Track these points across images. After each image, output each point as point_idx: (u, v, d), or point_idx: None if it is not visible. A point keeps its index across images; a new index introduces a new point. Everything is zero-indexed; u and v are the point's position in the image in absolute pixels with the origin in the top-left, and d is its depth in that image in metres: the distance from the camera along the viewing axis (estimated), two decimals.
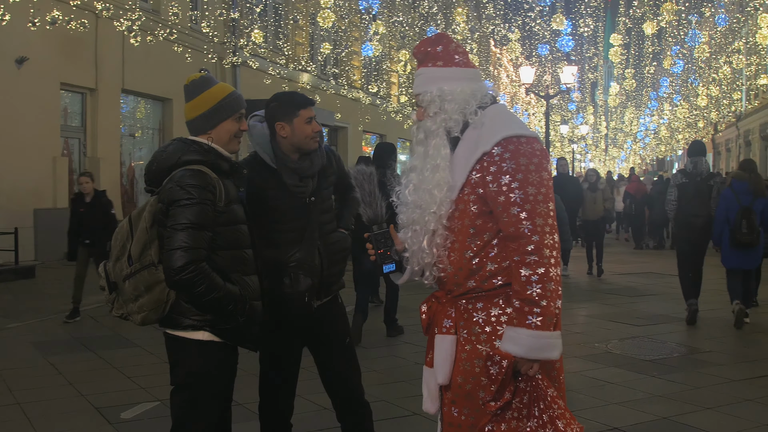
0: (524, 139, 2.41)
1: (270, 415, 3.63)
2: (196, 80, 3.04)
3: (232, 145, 3.05)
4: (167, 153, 2.95)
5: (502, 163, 2.38)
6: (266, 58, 20.94)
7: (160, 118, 18.03)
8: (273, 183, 3.44)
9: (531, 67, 23.45)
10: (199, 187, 2.79)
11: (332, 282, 3.60)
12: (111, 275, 2.94)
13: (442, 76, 2.57)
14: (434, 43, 2.63)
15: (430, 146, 2.55)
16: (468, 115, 2.51)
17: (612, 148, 65.89)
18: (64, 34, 13.91)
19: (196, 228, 2.75)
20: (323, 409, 4.71)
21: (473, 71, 2.63)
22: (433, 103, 2.55)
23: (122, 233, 2.95)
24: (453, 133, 2.53)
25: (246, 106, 3.12)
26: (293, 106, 3.41)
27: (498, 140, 2.40)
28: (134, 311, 2.87)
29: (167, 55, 16.65)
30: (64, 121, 15.03)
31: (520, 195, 2.35)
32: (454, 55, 2.60)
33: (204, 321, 2.86)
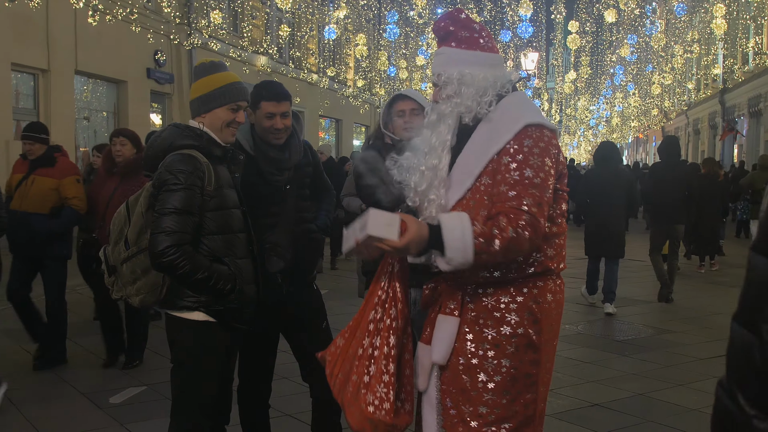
0: (535, 126, 2.37)
1: (248, 396, 3.67)
2: (205, 63, 3.08)
3: (225, 135, 3.04)
4: (161, 138, 3.01)
5: (508, 146, 2.35)
6: (225, 41, 20.63)
7: (114, 100, 17.61)
8: (251, 169, 3.43)
9: None
10: (186, 172, 2.83)
11: (306, 269, 3.63)
12: (110, 259, 3.04)
13: (464, 59, 2.48)
14: (458, 21, 2.53)
15: (437, 130, 2.50)
16: (483, 104, 2.44)
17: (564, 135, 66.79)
18: (14, 12, 13.46)
19: (181, 213, 2.79)
20: (305, 391, 4.69)
21: (496, 57, 2.55)
22: (449, 85, 2.48)
23: (120, 218, 3.04)
24: (465, 120, 2.47)
25: (249, 99, 3.13)
26: (258, 97, 3.41)
27: (519, 128, 2.36)
28: (132, 294, 2.97)
29: (122, 36, 16.25)
30: (16, 103, 14.57)
31: (515, 176, 2.31)
32: (479, 39, 2.51)
33: (199, 302, 2.90)
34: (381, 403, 2.41)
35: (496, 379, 2.41)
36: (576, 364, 6.01)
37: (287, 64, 24.56)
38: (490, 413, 2.41)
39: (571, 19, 24.76)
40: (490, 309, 2.43)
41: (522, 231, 2.24)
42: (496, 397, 2.41)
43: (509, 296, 2.42)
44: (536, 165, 2.32)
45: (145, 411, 4.80)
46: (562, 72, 43.26)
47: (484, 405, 2.42)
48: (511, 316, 2.41)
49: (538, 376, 2.45)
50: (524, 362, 2.41)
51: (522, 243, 2.25)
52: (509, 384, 2.41)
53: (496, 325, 2.42)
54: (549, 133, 2.40)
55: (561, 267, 2.53)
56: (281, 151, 3.47)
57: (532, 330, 2.41)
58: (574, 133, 62.79)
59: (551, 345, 2.51)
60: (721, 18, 18.46)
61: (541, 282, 2.44)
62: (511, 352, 2.40)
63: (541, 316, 2.42)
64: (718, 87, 29.61)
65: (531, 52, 23.48)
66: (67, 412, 4.83)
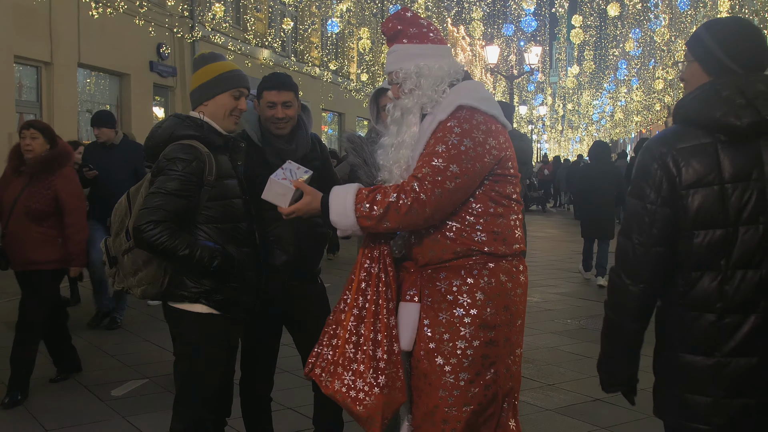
0: (467, 108, 2.47)
1: (250, 389, 3.68)
2: (204, 54, 3.11)
3: (228, 123, 3.05)
4: (162, 128, 3.00)
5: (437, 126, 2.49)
6: (228, 34, 20.58)
7: (117, 93, 17.58)
8: (257, 161, 3.43)
9: (497, 46, 23.52)
10: (184, 161, 2.84)
11: (311, 263, 3.63)
12: (111, 250, 3.03)
13: (418, 53, 2.59)
14: (405, 20, 2.64)
15: (403, 124, 2.59)
16: (439, 93, 2.55)
17: (568, 129, 66.67)
18: (17, 5, 13.44)
19: (169, 194, 2.80)
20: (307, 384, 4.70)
21: (446, 48, 2.66)
22: (409, 80, 2.57)
23: (121, 209, 3.03)
24: (425, 110, 2.57)
25: (249, 87, 3.13)
26: (260, 87, 3.43)
27: (452, 109, 2.47)
28: (134, 285, 2.97)
29: (125, 29, 16.20)
30: (19, 96, 14.55)
31: (428, 150, 2.45)
32: (428, 33, 2.62)
33: (200, 293, 2.90)
34: (348, 391, 2.56)
35: (452, 361, 2.49)
36: (578, 359, 6.00)
37: (290, 58, 24.49)
38: (450, 395, 2.49)
39: (574, 13, 24.65)
40: (444, 293, 2.52)
41: (405, 197, 2.38)
42: (453, 380, 2.49)
43: (460, 279, 2.50)
44: (451, 142, 2.42)
45: (147, 403, 4.81)
46: (566, 66, 43.12)
47: (442, 388, 2.50)
48: (463, 298, 2.49)
49: (496, 356, 2.51)
50: (479, 343, 2.48)
51: (403, 208, 2.38)
52: (466, 366, 2.48)
53: (449, 308, 2.51)
54: (480, 117, 2.48)
55: (516, 248, 2.56)
56: (288, 142, 3.47)
57: (486, 311, 2.48)
58: (577, 127, 62.64)
59: (512, 326, 2.55)
60: (725, 12, 18.38)
61: (492, 263, 2.50)
62: (464, 334, 2.48)
63: (494, 296, 2.49)
64: None
65: (534, 46, 23.43)
66: (70, 404, 4.83)
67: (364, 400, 2.53)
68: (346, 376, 2.56)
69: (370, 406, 2.53)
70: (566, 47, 40.78)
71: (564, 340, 6.69)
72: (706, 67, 2.12)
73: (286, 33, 23.42)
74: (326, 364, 2.62)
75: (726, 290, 2.01)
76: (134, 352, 6.15)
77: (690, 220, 2.02)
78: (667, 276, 2.10)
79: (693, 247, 2.03)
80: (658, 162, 2.05)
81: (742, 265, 2.00)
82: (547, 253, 13.59)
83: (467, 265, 2.49)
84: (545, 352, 6.23)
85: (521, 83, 41.24)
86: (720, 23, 2.19)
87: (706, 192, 2.00)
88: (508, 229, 2.53)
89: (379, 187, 2.49)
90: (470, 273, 2.49)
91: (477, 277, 2.48)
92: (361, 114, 32.42)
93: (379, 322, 2.58)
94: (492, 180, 2.50)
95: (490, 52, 23.14)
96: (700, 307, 2.06)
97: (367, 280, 2.61)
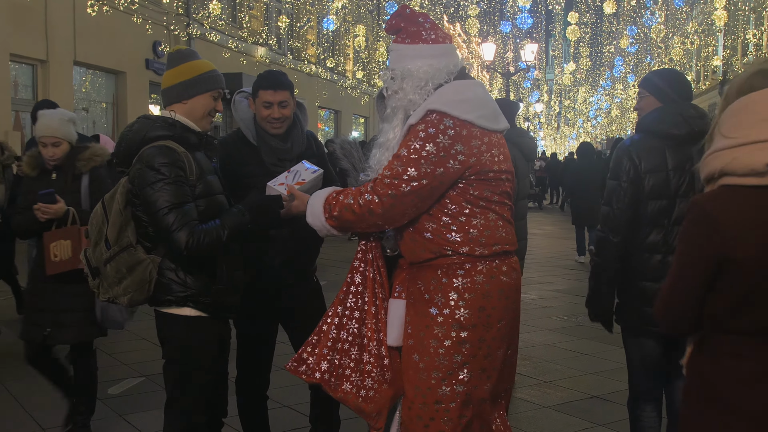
0: (437, 113, 2.46)
1: (246, 387, 3.67)
2: (182, 50, 3.02)
3: (205, 123, 2.99)
4: (133, 131, 2.91)
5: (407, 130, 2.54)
6: (224, 32, 20.55)
7: (113, 91, 17.55)
8: (252, 159, 3.43)
9: (494, 43, 23.50)
10: (168, 165, 2.75)
11: (306, 262, 3.62)
12: (92, 261, 2.94)
13: (408, 54, 2.60)
14: (404, 17, 2.64)
15: (392, 125, 2.61)
16: (422, 96, 2.55)
17: (564, 126, 66.67)
18: (12, 3, 13.40)
19: (178, 206, 2.73)
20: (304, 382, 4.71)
21: (442, 47, 2.62)
22: (395, 81, 2.59)
23: (97, 217, 2.94)
24: (409, 112, 2.57)
25: (225, 88, 3.07)
26: (257, 86, 3.40)
27: (422, 114, 2.48)
28: (120, 294, 2.88)
29: (121, 27, 16.18)
30: (15, 94, 14.52)
31: (394, 155, 2.50)
32: (422, 32, 2.60)
33: (187, 297, 2.86)
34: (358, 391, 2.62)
35: (425, 359, 2.52)
36: (575, 356, 6.01)
37: (286, 55, 24.47)
38: (423, 393, 2.52)
39: (570, 10, 24.64)
40: (422, 291, 2.55)
41: (361, 199, 2.48)
42: (425, 377, 2.51)
43: (436, 278, 2.53)
44: (413, 146, 2.44)
45: (144, 402, 4.81)
46: (562, 63, 43.14)
47: (417, 384, 2.54)
48: (438, 298, 2.51)
49: (470, 357, 2.50)
50: (451, 343, 2.49)
51: (358, 209, 2.49)
52: (437, 364, 2.50)
53: (425, 307, 2.54)
54: (449, 122, 2.46)
55: (496, 249, 2.54)
56: (283, 141, 3.46)
57: (459, 311, 2.49)
58: (573, 124, 62.67)
59: (490, 327, 2.53)
60: (721, 9, 18.40)
61: (468, 264, 2.50)
62: (437, 333, 2.50)
63: (468, 297, 2.49)
64: (718, 78, 29.54)
65: (530, 44, 23.44)
66: (66, 402, 4.81)
67: (374, 397, 2.57)
68: (354, 377, 2.59)
69: (380, 401, 2.57)
70: (562, 44, 40.76)
71: (560, 337, 6.70)
72: (658, 98, 3.23)
73: (282, 30, 23.39)
74: (333, 369, 2.63)
75: (668, 239, 3.10)
76: (131, 350, 6.14)
77: (647, 194, 3.11)
78: (633, 231, 3.14)
79: (648, 211, 3.12)
80: (627, 156, 3.13)
81: (678, 223, 3.03)
82: (544, 249, 13.60)
83: (444, 265, 2.52)
84: (542, 349, 6.24)
85: (517, 80, 41.27)
86: (664, 71, 3.43)
87: (657, 176, 3.10)
88: (486, 230, 2.52)
89: (347, 189, 2.60)
90: (446, 273, 2.51)
91: (451, 277, 2.50)
92: (357, 111, 32.40)
93: (379, 322, 2.63)
94: (466, 183, 2.50)
95: (486, 49, 23.13)
96: (652, 251, 3.13)
97: (363, 283, 2.65)
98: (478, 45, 26.83)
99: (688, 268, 1.84)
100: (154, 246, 2.87)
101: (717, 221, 1.77)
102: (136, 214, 2.85)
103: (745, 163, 1.75)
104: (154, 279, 2.84)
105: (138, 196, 2.78)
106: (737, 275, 1.77)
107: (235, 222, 2.80)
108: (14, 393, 4.99)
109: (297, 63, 24.96)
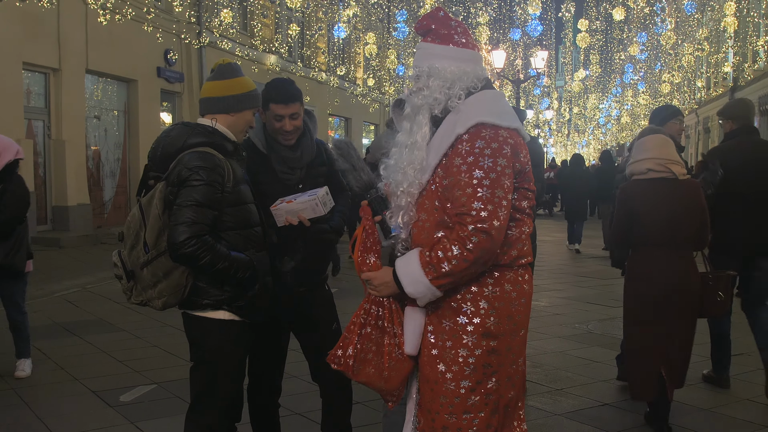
0: (490, 126, 2.43)
1: (258, 394, 3.68)
2: (232, 64, 3.13)
3: (241, 136, 3.11)
4: (171, 138, 2.98)
5: (459, 145, 2.43)
6: (235, 40, 20.66)
7: (125, 99, 17.66)
8: (263, 168, 3.44)
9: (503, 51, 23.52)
10: (207, 169, 2.84)
11: (317, 270, 3.63)
12: (127, 263, 2.97)
13: (436, 54, 2.57)
14: (437, 19, 2.63)
15: (414, 123, 2.57)
16: (451, 97, 2.52)
17: (574, 133, 66.50)
18: (25, 12, 13.51)
19: (201, 205, 2.80)
20: (315, 390, 4.71)
21: (469, 53, 2.61)
22: (420, 79, 2.57)
23: (135, 221, 2.98)
24: (434, 111, 2.54)
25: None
26: (267, 98, 3.41)
27: (470, 125, 2.43)
28: (154, 297, 2.92)
29: (133, 35, 16.30)
30: (27, 102, 14.62)
31: (465, 178, 2.38)
32: (453, 35, 2.59)
33: (222, 300, 2.92)
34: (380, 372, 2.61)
35: (453, 368, 2.48)
36: (586, 364, 5.99)
37: (297, 63, 24.55)
38: (450, 403, 2.49)
39: (580, 18, 24.63)
40: (448, 300, 2.50)
41: (465, 245, 2.32)
42: (454, 387, 2.48)
43: (464, 287, 2.48)
44: (486, 166, 2.37)
45: (156, 409, 4.82)
46: (572, 70, 43.08)
47: (443, 394, 2.50)
48: (467, 306, 2.47)
49: (498, 365, 2.50)
50: (482, 352, 2.47)
51: (470, 255, 2.33)
52: (467, 374, 2.47)
53: (452, 316, 2.49)
54: (505, 133, 2.44)
55: (523, 261, 2.56)
56: (293, 150, 3.47)
57: (489, 320, 2.47)
58: (584, 131, 62.51)
59: (515, 336, 2.54)
60: (731, 15, 18.34)
61: (497, 272, 2.49)
62: (467, 342, 2.47)
63: (498, 305, 2.47)
64: (728, 85, 29.41)
65: (540, 51, 23.44)
66: (78, 409, 4.85)
67: (392, 377, 2.58)
68: (375, 360, 2.58)
69: (396, 378, 2.59)
70: (572, 51, 40.71)
71: (572, 344, 6.67)
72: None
73: (292, 38, 23.49)
74: (356, 353, 2.61)
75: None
76: (143, 357, 6.15)
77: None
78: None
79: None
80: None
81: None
82: (554, 257, 13.57)
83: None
84: (553, 356, 6.22)
85: (527, 87, 41.24)
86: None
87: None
88: (518, 243, 2.52)
89: (437, 244, 2.40)
90: (475, 281, 2.47)
91: (481, 286, 2.47)
92: (368, 119, 32.45)
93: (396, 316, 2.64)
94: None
95: (496, 56, 23.15)
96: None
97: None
98: (488, 52, 26.82)
99: (619, 219, 4.44)
100: None
101: (632, 195, 4.38)
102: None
103: (638, 169, 4.39)
104: (190, 284, 2.88)
105: (177, 196, 2.84)
106: (638, 220, 4.33)
107: (238, 266, 2.87)
108: (26, 399, 5.01)
109: (308, 71, 25.05)
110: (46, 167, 14.92)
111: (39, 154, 14.76)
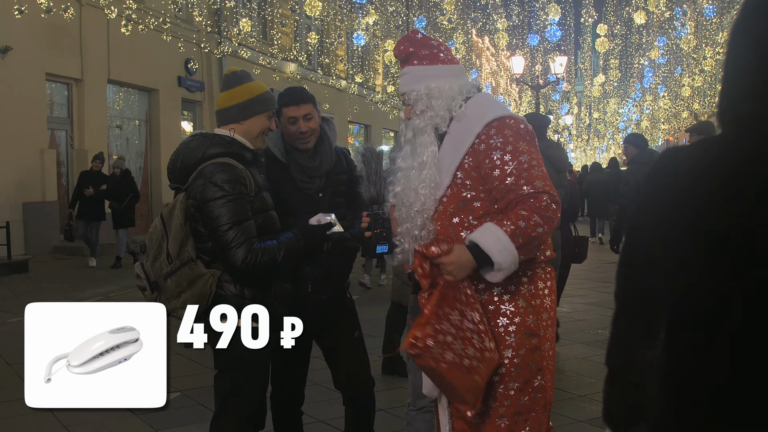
0: (508, 118, 2.50)
1: (281, 402, 3.67)
2: (237, 72, 3.12)
3: (259, 142, 3.11)
4: (190, 149, 2.99)
5: (490, 140, 2.46)
6: (255, 48, 20.80)
7: (146, 109, 17.84)
8: (283, 177, 3.44)
9: (522, 57, 23.52)
10: (231, 182, 2.85)
11: (340, 277, 3.62)
12: (150, 275, 2.99)
13: (429, 74, 2.62)
14: (416, 42, 2.68)
15: (417, 144, 2.60)
16: (453, 110, 2.56)
17: (594, 138, 66.15)
18: (48, 23, 13.69)
19: (239, 222, 2.83)
20: (338, 397, 4.72)
21: (457, 67, 2.69)
22: (420, 101, 2.60)
23: (157, 232, 3.00)
24: (441, 129, 2.58)
25: (276, 108, 3.20)
26: (279, 105, 3.41)
27: (485, 123, 2.48)
28: (178, 306, 2.93)
29: (154, 45, 16.46)
30: (50, 113, 14.82)
31: (514, 165, 2.42)
32: (438, 54, 2.65)
33: (243, 306, 2.89)
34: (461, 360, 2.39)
35: (500, 371, 2.46)
36: None
37: (316, 71, 24.68)
38: (500, 405, 2.47)
39: (599, 23, 24.54)
40: (485, 303, 2.48)
41: (545, 210, 2.37)
42: (503, 389, 2.47)
43: (501, 288, 2.48)
44: (526, 150, 2.44)
45: (179, 417, 4.83)
46: (591, 75, 42.93)
47: (492, 398, 2.47)
48: (506, 307, 2.47)
49: (542, 362, 2.50)
50: (526, 351, 2.47)
51: (554, 219, 2.39)
52: (514, 374, 2.46)
53: (492, 318, 2.48)
54: (523, 124, 2.53)
55: (548, 255, 2.59)
56: (311, 158, 3.46)
57: (529, 318, 2.47)
58: (604, 136, 62.16)
59: (549, 330, 2.55)
60: None
61: (530, 270, 2.50)
62: (510, 343, 2.46)
63: (535, 303, 2.49)
64: None
65: (559, 56, 23.38)
66: (102, 416, 4.85)
67: (478, 368, 2.36)
68: (456, 345, 2.35)
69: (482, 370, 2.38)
70: (591, 56, 40.59)
71: (595, 350, 6.63)
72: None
73: (312, 46, 23.60)
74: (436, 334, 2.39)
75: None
76: None
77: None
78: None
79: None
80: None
81: None
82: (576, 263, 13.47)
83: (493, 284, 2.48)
84: (576, 362, 6.19)
85: (547, 93, 41.11)
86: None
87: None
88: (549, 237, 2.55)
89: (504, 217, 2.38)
90: (510, 281, 2.45)
91: (518, 285, 2.47)
92: (387, 126, 32.50)
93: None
94: None
95: (515, 62, 23.14)
96: None
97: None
98: (507, 58, 26.79)
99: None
100: (212, 260, 2.93)
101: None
102: (195, 229, 2.92)
103: None
104: (213, 293, 2.90)
105: (200, 210, 2.86)
106: None
107: (291, 245, 2.94)
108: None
109: (327, 78, 25.15)
110: (69, 177, 15.08)
111: (62, 163, 14.93)
